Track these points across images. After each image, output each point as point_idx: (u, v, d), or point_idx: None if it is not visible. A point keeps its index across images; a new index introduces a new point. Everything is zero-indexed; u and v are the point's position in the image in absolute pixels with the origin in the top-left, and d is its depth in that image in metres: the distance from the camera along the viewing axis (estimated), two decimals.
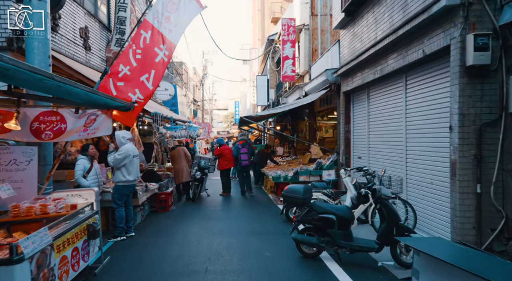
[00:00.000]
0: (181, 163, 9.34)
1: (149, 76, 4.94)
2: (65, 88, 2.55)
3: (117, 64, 4.87)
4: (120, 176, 5.88)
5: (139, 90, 4.86)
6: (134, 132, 6.87)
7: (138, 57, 4.86)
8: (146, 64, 4.89)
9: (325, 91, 9.34)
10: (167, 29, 5.01)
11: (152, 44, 4.89)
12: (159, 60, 4.94)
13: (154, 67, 4.95)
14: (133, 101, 4.71)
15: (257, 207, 8.71)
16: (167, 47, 4.98)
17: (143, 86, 4.88)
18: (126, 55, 4.89)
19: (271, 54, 19.55)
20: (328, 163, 8.95)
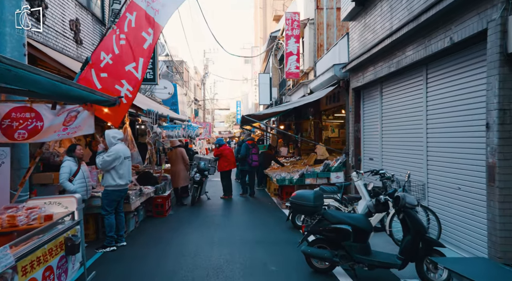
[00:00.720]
0: (177, 166, 8.77)
1: (137, 65, 4.36)
2: (17, 73, 1.98)
3: (99, 52, 4.29)
4: (109, 180, 5.31)
5: (127, 81, 4.28)
6: (127, 132, 6.31)
7: (122, 43, 4.27)
8: (132, 51, 4.30)
9: (332, 88, 8.76)
10: (154, 9, 4.43)
11: (138, 27, 4.30)
12: (147, 46, 4.37)
13: (142, 55, 4.37)
14: (121, 95, 4.13)
15: (261, 212, 8.13)
16: (154, 31, 4.40)
17: (131, 77, 4.30)
18: (109, 41, 4.31)
19: (274, 52, 18.96)
20: (336, 164, 8.36)
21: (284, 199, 8.47)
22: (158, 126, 6.33)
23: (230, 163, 10.07)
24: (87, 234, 5.85)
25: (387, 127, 6.78)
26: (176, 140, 8.98)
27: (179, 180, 8.83)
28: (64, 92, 2.71)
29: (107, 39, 4.33)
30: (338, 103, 9.78)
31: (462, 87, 4.48)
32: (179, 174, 8.81)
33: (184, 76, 28.20)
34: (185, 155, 9.05)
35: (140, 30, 4.30)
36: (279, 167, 11.87)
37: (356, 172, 5.98)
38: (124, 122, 6.33)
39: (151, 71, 13.31)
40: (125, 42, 4.24)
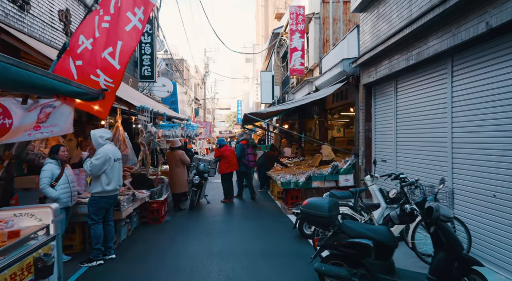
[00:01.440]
0: (175, 170, 8.19)
1: (113, 50, 3.75)
2: None
3: (77, 36, 3.71)
4: (97, 186, 4.74)
5: (102, 71, 3.69)
6: (119, 131, 5.74)
7: (104, 26, 3.68)
8: (111, 34, 3.71)
9: (341, 84, 8.18)
10: None
11: (125, 7, 3.71)
12: (130, 29, 3.77)
13: (121, 38, 3.77)
14: (104, 88, 3.54)
15: (264, 218, 7.55)
16: (144, 10, 3.83)
17: (106, 65, 3.70)
18: (90, 23, 3.72)
19: (276, 49, 18.38)
20: (345, 166, 7.79)
21: (290, 204, 7.90)
22: (153, 125, 5.76)
23: (232, 164, 9.49)
24: (73, 245, 5.30)
25: (403, 126, 6.21)
26: (177, 140, 8.41)
27: (176, 186, 8.25)
28: (23, 80, 2.13)
29: (88, 21, 3.74)
30: (346, 100, 9.20)
31: (496, 80, 3.90)
32: (177, 179, 8.22)
33: (184, 74, 27.64)
34: (185, 158, 8.46)
35: (126, 9, 3.71)
36: (282, 168, 11.33)
37: (370, 175, 5.41)
38: (116, 120, 5.76)
39: (149, 68, 12.77)
40: (108, 25, 3.65)
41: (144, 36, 12.64)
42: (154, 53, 12.76)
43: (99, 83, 3.66)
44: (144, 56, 12.65)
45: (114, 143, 5.75)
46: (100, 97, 3.25)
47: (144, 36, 12.64)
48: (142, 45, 12.62)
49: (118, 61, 3.74)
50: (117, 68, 3.77)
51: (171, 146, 8.60)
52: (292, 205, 7.88)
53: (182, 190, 8.39)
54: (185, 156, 8.49)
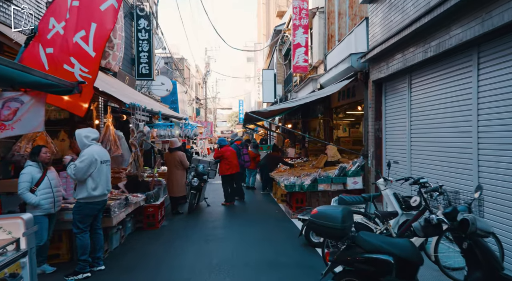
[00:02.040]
0: (174, 173, 7.71)
1: (87, 34, 3.25)
2: None
3: (47, 19, 3.23)
4: (82, 191, 4.28)
5: (77, 59, 3.22)
6: (109, 130, 5.28)
7: (74, 5, 3.18)
8: (83, 14, 3.21)
9: (348, 81, 7.69)
10: None
11: None
12: (105, 8, 3.26)
13: (95, 19, 3.27)
14: (81, 81, 3.07)
15: (267, 222, 7.08)
16: None
17: (80, 52, 3.21)
18: (62, 3, 3.23)
19: (278, 46, 17.90)
20: (353, 168, 7.30)
21: (294, 208, 7.43)
22: (145, 124, 5.30)
23: (232, 166, 9.01)
24: (60, 255, 4.84)
25: (418, 125, 5.72)
26: (176, 140, 7.95)
27: (174, 189, 7.77)
28: None
29: (59, 1, 3.27)
30: (353, 98, 8.72)
31: None
32: (176, 182, 7.74)
33: (185, 73, 27.19)
34: (185, 160, 7.95)
35: None
36: (286, 169, 10.88)
37: (383, 179, 4.93)
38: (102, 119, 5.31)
39: (146, 66, 12.32)
40: (78, 3, 3.16)
41: (141, 32, 12.20)
42: (152, 51, 12.32)
43: (74, 74, 3.19)
44: (141, 53, 12.21)
45: (105, 144, 5.29)
46: (76, 91, 2.79)
47: (142, 32, 12.20)
48: (139, 42, 12.18)
49: (93, 47, 3.26)
50: (92, 56, 3.29)
51: (170, 146, 8.12)
52: (296, 209, 7.42)
53: (181, 193, 7.91)
54: (185, 158, 8.01)
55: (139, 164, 5.33)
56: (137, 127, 5.02)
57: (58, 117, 8.08)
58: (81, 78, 3.19)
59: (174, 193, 7.81)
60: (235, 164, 9.10)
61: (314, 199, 7.98)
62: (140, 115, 5.13)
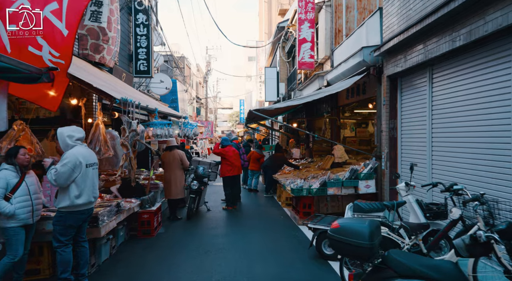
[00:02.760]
0: (173, 173, 7.18)
1: (60, 7, 2.69)
2: None
3: None
4: (64, 199, 3.73)
5: (46, 39, 2.66)
6: (99, 129, 4.73)
7: None
8: None
9: (359, 76, 7.13)
10: None
11: None
12: None
13: None
14: (52, 66, 2.52)
15: (272, 230, 6.53)
16: None
17: (50, 29, 2.66)
18: None
19: (282, 43, 17.35)
20: (366, 170, 6.74)
21: (301, 214, 6.87)
22: (139, 123, 4.75)
23: (234, 167, 8.45)
24: (40, 270, 4.30)
25: (441, 123, 5.17)
26: (173, 140, 7.41)
27: (172, 192, 7.23)
28: None
29: None
30: (363, 95, 8.16)
31: None
32: (174, 183, 7.20)
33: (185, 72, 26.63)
34: (185, 160, 7.42)
35: None
36: (290, 171, 10.34)
37: (405, 184, 4.37)
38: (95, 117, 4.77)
39: (145, 62, 11.78)
40: None
41: (139, 27, 11.66)
42: (151, 46, 11.77)
43: (42, 58, 2.65)
44: (139, 49, 11.66)
45: (93, 145, 4.75)
46: (44, 79, 2.24)
47: (140, 27, 11.66)
48: (137, 38, 11.64)
49: (66, 24, 2.71)
50: (65, 35, 2.74)
51: (167, 145, 7.57)
52: (304, 215, 6.87)
53: (179, 196, 7.37)
54: (185, 157, 7.47)
55: (131, 167, 4.78)
56: (129, 126, 4.48)
57: (48, 115, 7.55)
58: (51, 63, 2.65)
59: (172, 195, 7.27)
60: (237, 166, 8.56)
61: (323, 204, 7.43)
62: (133, 113, 4.58)
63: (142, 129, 4.71)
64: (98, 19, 7.60)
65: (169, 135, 5.68)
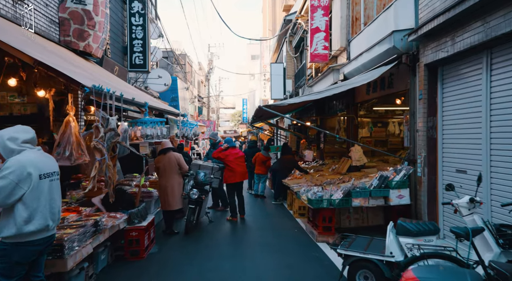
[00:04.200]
0: (169, 180, 6.11)
1: None
2: None
3: None
4: (9, 225, 2.66)
5: None
6: (70, 128, 3.67)
7: None
8: None
9: (388, 67, 6.04)
10: None
11: None
12: None
13: None
14: None
15: (287, 248, 5.46)
16: None
17: None
18: None
19: (289, 38, 16.28)
20: (399, 177, 5.64)
21: (321, 228, 5.79)
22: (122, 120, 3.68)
23: (235, 173, 7.34)
24: None
25: (505, 121, 4.07)
26: (168, 141, 6.34)
27: (169, 201, 6.17)
28: None
29: None
30: (390, 89, 7.05)
31: None
32: (171, 192, 6.13)
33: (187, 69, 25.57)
34: (183, 163, 6.36)
35: None
36: (302, 175, 9.29)
37: (470, 199, 3.28)
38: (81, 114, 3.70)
39: (141, 56, 10.73)
40: None
41: (134, 17, 10.62)
42: (147, 38, 10.72)
43: None
44: (135, 41, 10.62)
45: (62, 148, 3.68)
46: None
47: (135, 17, 10.62)
48: (132, 28, 10.60)
49: None
50: None
51: (161, 147, 6.48)
52: (323, 230, 5.79)
53: (177, 206, 6.31)
54: (183, 160, 6.40)
55: (109, 177, 3.69)
56: (107, 123, 3.41)
57: (23, 112, 6.53)
58: None
59: (168, 206, 6.21)
60: (240, 172, 7.43)
61: (344, 216, 6.36)
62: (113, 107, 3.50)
63: (125, 128, 3.64)
64: (82, 1, 6.56)
65: (162, 135, 4.62)
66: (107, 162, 3.47)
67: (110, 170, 3.58)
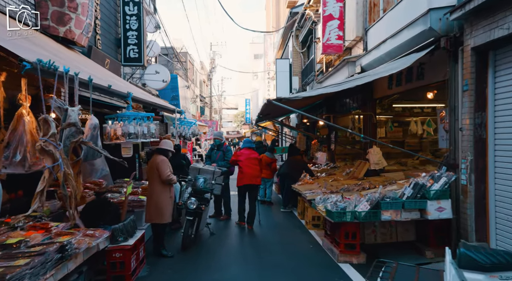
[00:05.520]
0: (152, 187, 5.08)
1: None
2: None
3: None
4: None
5: None
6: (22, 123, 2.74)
7: None
8: None
9: (421, 53, 5.07)
10: None
11: None
12: None
13: None
14: None
15: (302, 271, 4.50)
16: None
17: None
18: None
19: (295, 32, 15.33)
20: (439, 186, 4.66)
21: (343, 246, 4.82)
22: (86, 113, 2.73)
23: (244, 175, 6.75)
24: None
25: None
26: (168, 141, 5.39)
27: (152, 213, 5.12)
28: None
29: None
30: (420, 81, 6.05)
31: None
32: (155, 202, 5.10)
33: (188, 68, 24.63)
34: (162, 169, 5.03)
35: None
36: (314, 179, 8.36)
37: None
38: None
39: (135, 48, 9.81)
40: None
41: (128, 6, 9.70)
42: (143, 29, 9.81)
43: None
44: (129, 32, 9.70)
45: (12, 151, 2.74)
46: None
47: (129, 6, 9.71)
48: (126, 18, 9.68)
49: None
50: None
51: (158, 147, 5.43)
52: (346, 248, 4.83)
53: (164, 220, 5.13)
54: (165, 165, 5.06)
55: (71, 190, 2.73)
56: (65, 116, 2.47)
57: None
58: None
59: (153, 219, 5.14)
60: (248, 174, 6.71)
61: (369, 231, 5.40)
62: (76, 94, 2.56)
63: (94, 124, 2.69)
64: None
65: (150, 134, 3.68)
66: (65, 170, 2.53)
67: (71, 181, 2.63)
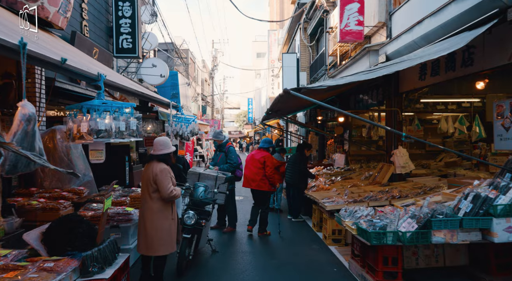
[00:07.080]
0: (143, 205, 3.92)
1: None
2: None
3: None
4: None
5: None
6: None
7: None
8: None
9: (479, 31, 4.01)
10: None
11: None
12: None
13: None
14: None
15: None
16: None
17: None
18: None
19: (303, 24, 14.30)
20: (508, 198, 3.60)
21: (381, 275, 3.77)
22: None
23: (245, 177, 6.30)
24: None
25: None
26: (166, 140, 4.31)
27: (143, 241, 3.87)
28: None
29: None
30: (466, 69, 4.97)
31: None
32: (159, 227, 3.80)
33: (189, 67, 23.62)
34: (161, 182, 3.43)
35: None
36: (330, 184, 7.38)
37: None
38: None
39: (129, 38, 8.81)
40: None
41: None
42: (137, 17, 8.81)
43: None
44: (121, 19, 8.72)
45: None
46: None
47: None
48: (119, 4, 8.68)
49: None
50: None
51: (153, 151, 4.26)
52: (385, 277, 3.79)
53: (160, 251, 3.86)
54: (166, 176, 3.82)
55: None
56: None
57: None
58: None
59: (148, 250, 3.87)
60: (247, 176, 6.23)
61: (409, 252, 4.35)
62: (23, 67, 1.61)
63: (28, 115, 1.62)
64: None
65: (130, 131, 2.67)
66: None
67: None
